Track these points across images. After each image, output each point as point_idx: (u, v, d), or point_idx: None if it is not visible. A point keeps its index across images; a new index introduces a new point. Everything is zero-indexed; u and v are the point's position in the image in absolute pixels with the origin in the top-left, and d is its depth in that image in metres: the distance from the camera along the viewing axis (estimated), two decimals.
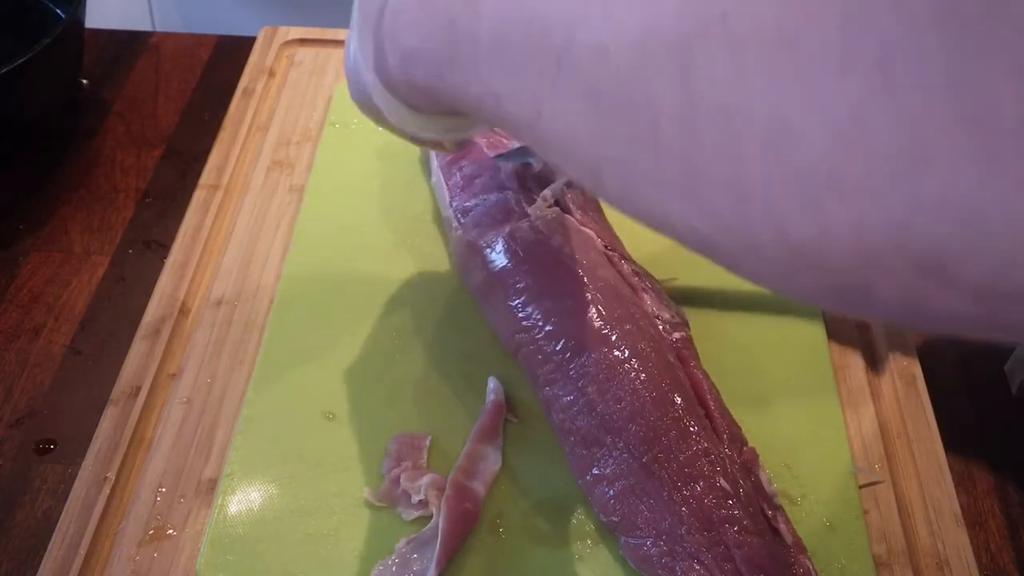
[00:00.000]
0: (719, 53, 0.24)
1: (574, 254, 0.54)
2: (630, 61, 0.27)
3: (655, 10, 0.26)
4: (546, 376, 0.51)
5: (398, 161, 0.68)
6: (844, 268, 0.24)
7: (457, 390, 0.55)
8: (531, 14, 0.31)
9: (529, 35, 0.31)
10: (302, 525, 0.49)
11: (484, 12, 0.34)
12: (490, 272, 0.55)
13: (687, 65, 0.25)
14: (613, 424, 0.48)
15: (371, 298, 0.60)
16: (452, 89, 0.37)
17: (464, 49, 0.35)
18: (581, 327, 0.51)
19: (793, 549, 0.46)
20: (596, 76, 0.28)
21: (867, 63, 0.21)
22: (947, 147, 0.20)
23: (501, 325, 0.55)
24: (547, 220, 0.55)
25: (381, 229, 0.64)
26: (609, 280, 0.53)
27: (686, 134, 0.25)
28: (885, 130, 0.21)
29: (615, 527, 0.48)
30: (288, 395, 0.54)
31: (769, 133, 0.23)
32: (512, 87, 0.33)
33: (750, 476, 0.48)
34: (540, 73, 0.31)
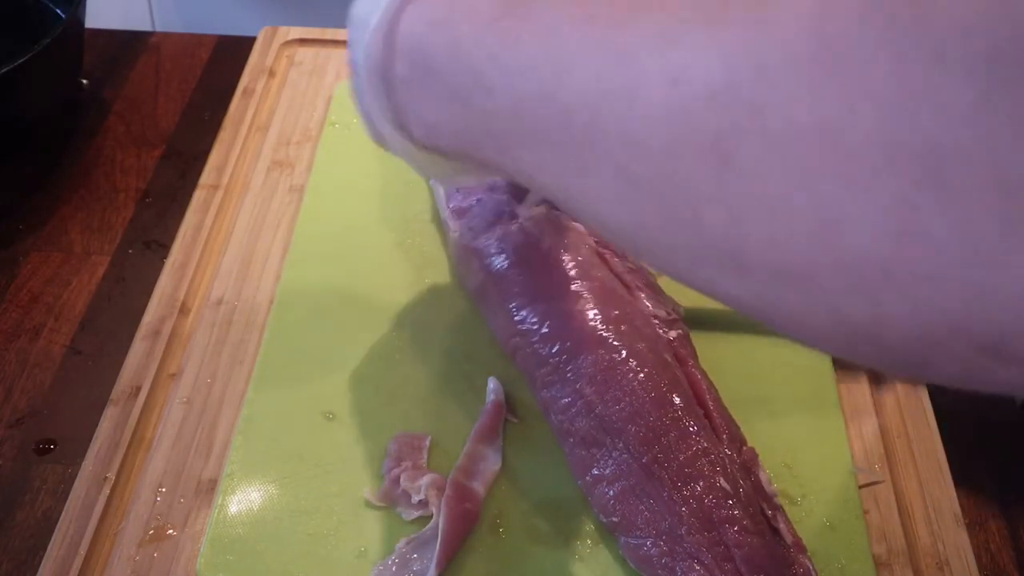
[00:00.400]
0: (756, 146, 0.24)
1: (567, 254, 0.54)
2: (663, 147, 0.26)
3: (682, 97, 0.26)
4: (544, 378, 0.51)
5: (398, 161, 0.68)
6: (901, 346, 0.24)
7: (457, 390, 0.55)
8: (546, 91, 0.31)
9: (549, 114, 0.31)
10: (302, 525, 0.49)
11: (496, 89, 0.33)
12: (486, 275, 0.55)
13: (725, 156, 0.25)
14: (612, 425, 0.48)
15: (371, 298, 0.60)
16: (482, 159, 0.36)
17: (485, 126, 0.34)
18: (577, 329, 0.51)
19: (793, 549, 0.46)
20: (627, 158, 0.28)
21: (913, 157, 0.21)
22: (1003, 243, 0.21)
23: (498, 328, 0.55)
24: (537, 219, 0.55)
25: (381, 229, 0.64)
26: (603, 280, 0.53)
27: (729, 219, 0.25)
28: (938, 224, 0.21)
29: (615, 527, 0.48)
30: (288, 395, 0.54)
31: (815, 223, 0.23)
32: (539, 164, 0.32)
33: (750, 476, 0.48)
34: (566, 153, 0.30)
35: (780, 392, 0.55)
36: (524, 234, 0.55)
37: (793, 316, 0.26)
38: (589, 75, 0.29)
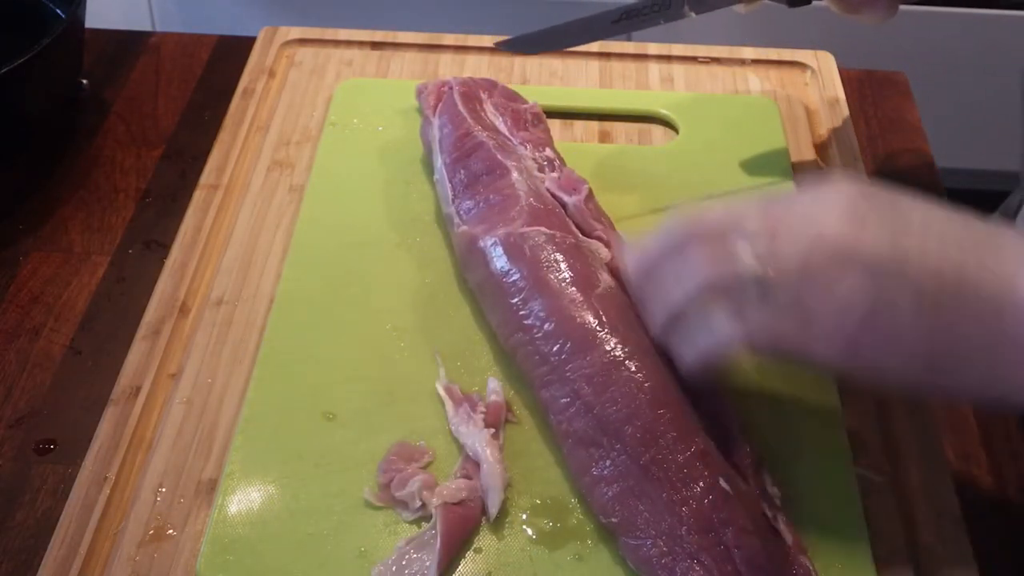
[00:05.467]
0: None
1: (571, 255, 0.54)
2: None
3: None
4: (543, 377, 0.51)
5: (398, 161, 0.68)
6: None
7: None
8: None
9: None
10: (302, 525, 0.49)
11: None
12: (490, 271, 0.55)
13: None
14: (610, 426, 0.48)
15: (371, 298, 0.59)
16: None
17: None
18: (578, 328, 0.51)
19: (793, 549, 0.46)
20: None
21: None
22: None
23: (500, 324, 0.55)
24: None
25: (382, 229, 0.64)
26: (607, 281, 0.53)
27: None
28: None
29: (614, 528, 0.48)
30: (288, 395, 0.54)
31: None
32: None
33: (752, 477, 0.48)
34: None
35: (782, 392, 0.55)
36: (529, 233, 0.55)
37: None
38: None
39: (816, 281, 0.43)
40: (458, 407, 0.53)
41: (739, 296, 0.45)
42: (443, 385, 0.54)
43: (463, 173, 0.61)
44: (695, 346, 0.47)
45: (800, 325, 0.44)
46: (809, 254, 0.44)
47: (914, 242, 0.43)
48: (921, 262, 0.43)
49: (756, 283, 0.44)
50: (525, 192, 0.58)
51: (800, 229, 0.44)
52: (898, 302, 0.43)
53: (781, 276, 0.44)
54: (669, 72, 0.77)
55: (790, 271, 0.44)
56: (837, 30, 1.47)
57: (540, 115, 0.67)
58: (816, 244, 0.44)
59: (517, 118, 0.65)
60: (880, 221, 0.44)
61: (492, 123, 0.64)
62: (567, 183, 0.60)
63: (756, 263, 0.44)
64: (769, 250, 0.44)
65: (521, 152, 0.62)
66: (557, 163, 0.63)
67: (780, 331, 0.45)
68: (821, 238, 0.44)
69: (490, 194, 0.59)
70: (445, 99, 0.65)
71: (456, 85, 0.66)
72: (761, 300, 0.44)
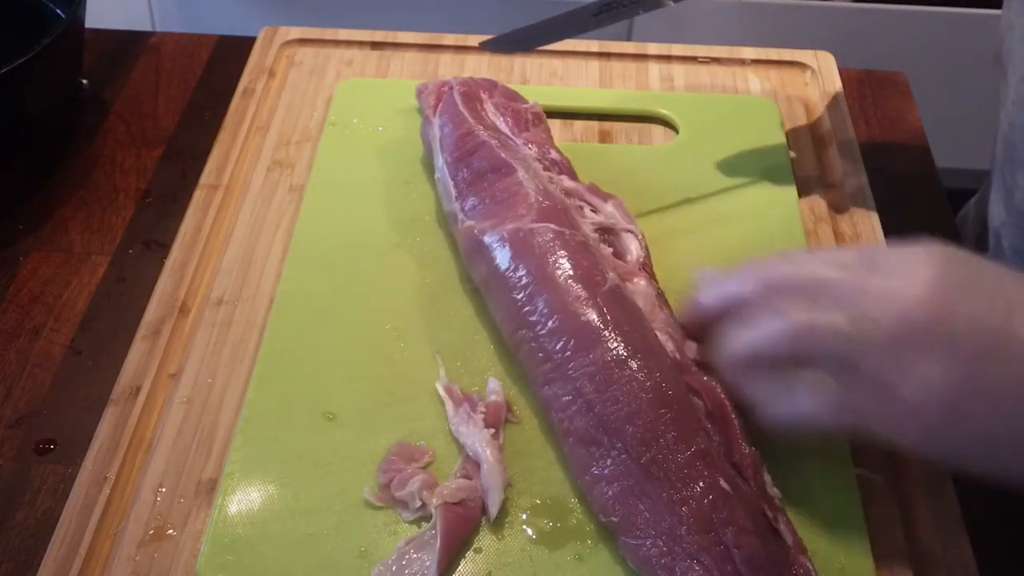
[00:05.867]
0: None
1: (577, 253, 0.54)
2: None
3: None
4: (545, 375, 0.51)
5: (398, 161, 0.68)
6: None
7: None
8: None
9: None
10: (302, 525, 0.49)
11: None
12: (495, 265, 0.55)
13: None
14: (611, 425, 0.48)
15: (372, 298, 0.59)
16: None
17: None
18: (582, 326, 0.51)
19: (793, 550, 0.46)
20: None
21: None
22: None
23: (504, 320, 0.55)
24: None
25: (382, 228, 0.64)
26: (612, 280, 0.53)
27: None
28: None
29: (614, 527, 0.48)
30: (288, 395, 0.54)
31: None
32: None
33: (752, 477, 0.48)
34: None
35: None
36: (538, 229, 0.55)
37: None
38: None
39: (901, 359, 0.42)
40: (458, 407, 0.53)
41: (822, 364, 0.44)
42: (443, 385, 0.54)
43: (466, 171, 0.61)
44: (777, 411, 0.47)
45: (882, 404, 0.43)
46: (895, 329, 0.42)
47: (999, 317, 0.41)
48: (1009, 341, 0.41)
49: (847, 343, 0.43)
50: (534, 190, 0.58)
51: (887, 300, 0.43)
52: (989, 390, 0.41)
53: (867, 350, 0.43)
54: (669, 72, 0.77)
55: (877, 346, 0.42)
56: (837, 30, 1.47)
57: (541, 115, 0.67)
58: (902, 320, 0.42)
59: (518, 118, 0.65)
60: (971, 298, 0.42)
61: (493, 123, 0.64)
62: (597, 192, 0.61)
63: (849, 321, 0.43)
64: (861, 313, 0.43)
65: (525, 152, 0.62)
66: (565, 164, 0.63)
67: (861, 408, 0.44)
68: (907, 313, 0.42)
69: (496, 191, 0.59)
70: (445, 99, 0.65)
71: (456, 85, 0.66)
72: (844, 372, 0.44)
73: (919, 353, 0.42)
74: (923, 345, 0.42)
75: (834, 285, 0.45)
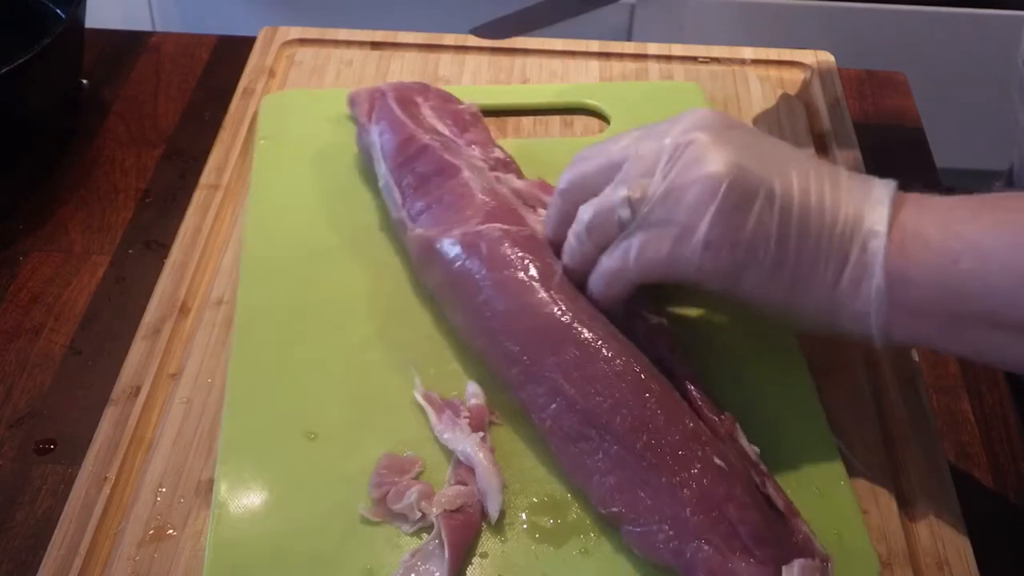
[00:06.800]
0: None
1: (532, 251, 0.53)
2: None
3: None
4: (516, 378, 0.51)
5: (335, 171, 0.67)
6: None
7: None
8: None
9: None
10: (302, 548, 0.48)
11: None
12: (448, 273, 0.55)
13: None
14: (597, 418, 0.48)
15: (333, 314, 0.58)
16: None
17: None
18: (545, 324, 0.51)
19: (787, 514, 0.46)
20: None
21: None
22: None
23: (463, 327, 0.55)
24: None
25: (331, 243, 0.62)
26: (561, 274, 0.53)
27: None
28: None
29: (616, 517, 0.47)
30: (265, 418, 0.53)
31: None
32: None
33: (732, 444, 0.48)
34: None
35: (766, 402, 0.54)
36: (485, 230, 0.54)
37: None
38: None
39: (676, 192, 0.48)
40: (440, 414, 0.52)
41: (619, 229, 0.50)
42: (421, 393, 0.54)
43: (410, 177, 0.60)
44: (594, 283, 0.52)
45: (663, 235, 0.48)
46: (672, 172, 0.48)
47: (777, 160, 0.48)
48: (783, 178, 0.47)
49: (628, 210, 0.49)
50: (479, 190, 0.57)
51: (662, 156, 0.49)
52: (748, 205, 0.47)
53: (649, 197, 0.48)
54: (669, 72, 0.77)
55: (656, 191, 0.48)
56: (837, 30, 1.47)
57: (478, 115, 0.67)
58: (677, 161, 0.48)
59: (457, 119, 0.65)
60: (743, 140, 0.48)
61: (433, 126, 0.64)
62: (547, 189, 0.60)
63: (626, 193, 0.49)
64: (638, 180, 0.49)
65: (468, 152, 0.62)
66: (511, 163, 0.62)
67: (645, 243, 0.49)
68: (682, 154, 0.48)
69: (443, 195, 0.58)
70: (379, 105, 0.64)
71: (389, 91, 0.65)
72: (637, 227, 0.49)
73: (690, 187, 0.47)
74: (694, 182, 0.47)
75: (613, 162, 0.51)
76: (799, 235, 0.47)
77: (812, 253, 0.47)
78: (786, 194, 0.47)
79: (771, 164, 0.48)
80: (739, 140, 0.48)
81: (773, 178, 0.47)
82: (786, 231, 0.47)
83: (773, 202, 0.47)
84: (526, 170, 0.63)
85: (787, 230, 0.47)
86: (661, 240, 0.48)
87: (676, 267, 0.48)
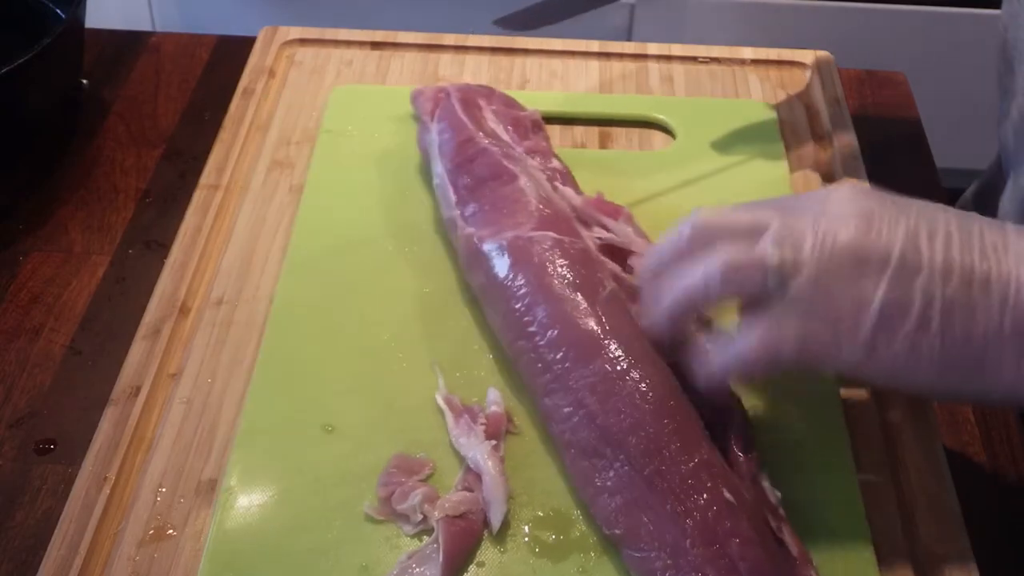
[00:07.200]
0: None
1: (577, 262, 0.54)
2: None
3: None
4: (545, 386, 0.51)
5: (395, 169, 0.68)
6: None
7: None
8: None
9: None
10: (302, 540, 0.48)
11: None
12: (495, 274, 0.55)
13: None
14: (613, 436, 0.47)
15: (369, 307, 0.59)
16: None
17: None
18: (582, 337, 0.50)
19: (798, 560, 0.46)
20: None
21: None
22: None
23: (502, 329, 0.55)
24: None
25: (379, 237, 0.63)
26: (613, 290, 0.53)
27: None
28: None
29: (618, 540, 0.47)
30: (286, 407, 0.54)
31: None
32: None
33: (753, 485, 0.48)
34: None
35: (783, 398, 0.55)
36: (537, 237, 0.55)
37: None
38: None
39: (834, 279, 0.44)
40: (458, 418, 0.52)
41: (761, 295, 0.45)
42: (443, 396, 0.54)
43: (467, 178, 0.60)
44: (716, 357, 0.47)
45: (823, 326, 0.44)
46: (825, 253, 0.44)
47: (922, 242, 0.44)
48: (930, 262, 0.44)
49: (778, 275, 0.45)
50: (535, 198, 0.57)
51: (815, 229, 0.45)
52: (910, 302, 0.43)
53: (802, 270, 0.44)
54: (669, 72, 0.77)
55: (811, 267, 0.44)
56: (837, 30, 1.47)
57: (540, 122, 0.67)
58: (832, 243, 0.44)
59: (518, 125, 0.65)
60: (889, 220, 0.44)
61: (493, 130, 0.64)
62: (604, 207, 0.60)
63: (779, 252, 0.44)
64: (791, 244, 0.45)
65: (527, 160, 0.62)
66: (566, 173, 0.62)
67: (804, 333, 0.45)
68: (836, 236, 0.44)
69: (496, 199, 0.58)
70: (443, 105, 0.65)
71: (454, 91, 0.65)
72: (783, 299, 0.45)
73: (849, 273, 0.44)
74: (851, 266, 0.44)
75: (769, 222, 0.46)
76: (964, 339, 0.43)
77: (981, 341, 0.43)
78: (946, 278, 0.43)
79: (926, 250, 0.44)
80: (890, 216, 0.44)
81: (935, 268, 0.43)
82: (949, 330, 0.43)
83: (933, 300, 0.43)
84: (578, 179, 0.63)
85: (950, 329, 0.43)
86: (822, 328, 0.44)
87: (834, 362, 0.45)
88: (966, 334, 0.43)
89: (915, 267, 0.43)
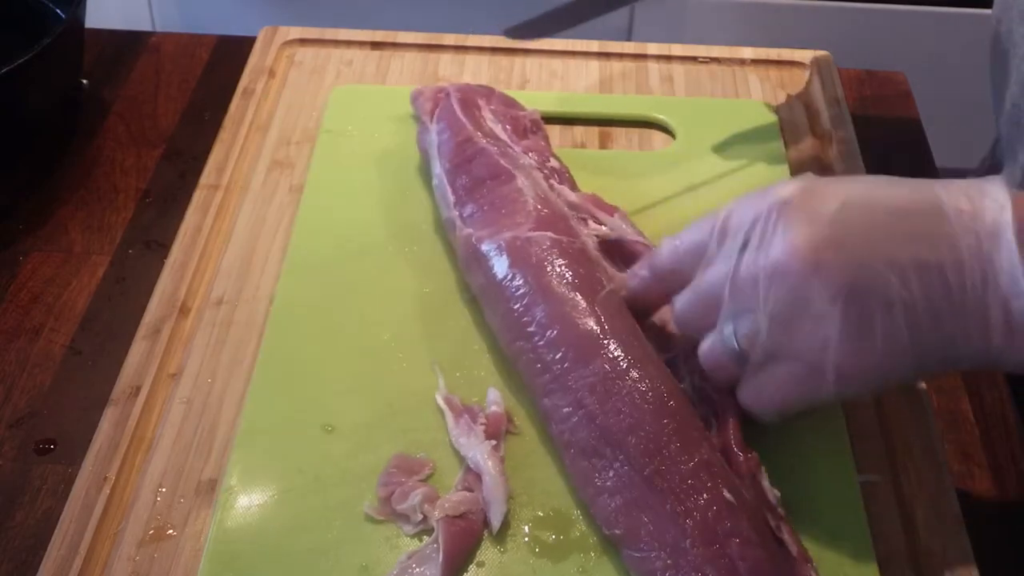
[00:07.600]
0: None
1: (576, 263, 0.54)
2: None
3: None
4: (545, 386, 0.51)
5: (395, 169, 0.68)
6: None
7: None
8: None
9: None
10: (302, 540, 0.48)
11: None
12: (493, 274, 0.55)
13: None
14: (613, 436, 0.48)
15: (369, 307, 0.59)
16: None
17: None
18: (581, 337, 0.50)
19: (798, 560, 0.46)
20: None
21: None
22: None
23: (501, 330, 0.55)
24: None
25: (379, 237, 0.63)
26: (612, 291, 0.53)
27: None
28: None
29: (618, 540, 0.47)
30: (287, 407, 0.54)
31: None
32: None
33: (753, 484, 0.48)
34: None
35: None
36: (535, 237, 0.55)
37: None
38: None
39: (794, 331, 0.45)
40: (458, 418, 0.52)
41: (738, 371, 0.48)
42: (443, 396, 0.54)
43: (465, 178, 0.60)
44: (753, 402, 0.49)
45: (798, 377, 0.46)
46: (777, 313, 0.45)
47: (870, 258, 0.44)
48: (883, 274, 0.44)
49: (745, 350, 0.47)
50: (533, 197, 0.57)
51: (765, 295, 0.45)
52: (870, 317, 0.44)
53: (761, 334, 0.46)
54: (669, 72, 0.77)
55: (769, 332, 0.46)
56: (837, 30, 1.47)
57: (539, 122, 0.67)
58: (782, 296, 0.45)
59: (517, 125, 0.65)
60: (834, 243, 0.44)
61: (492, 130, 0.64)
62: (600, 205, 0.60)
63: (738, 339, 0.47)
64: (746, 325, 0.46)
65: (525, 160, 0.62)
66: (564, 173, 0.62)
67: (783, 391, 0.47)
68: (784, 290, 0.45)
69: (495, 199, 0.58)
70: (442, 105, 0.65)
71: (454, 91, 0.65)
72: (759, 366, 0.47)
73: (807, 318, 0.45)
74: (804, 315, 0.45)
75: (725, 302, 0.47)
76: (932, 328, 0.44)
77: (950, 337, 0.44)
78: (905, 286, 0.44)
79: (877, 253, 0.44)
80: (834, 242, 0.44)
81: (888, 276, 0.44)
82: (916, 327, 0.44)
83: (893, 307, 0.44)
84: (579, 180, 0.63)
85: (917, 326, 0.44)
86: (790, 379, 0.47)
87: (814, 401, 0.48)
88: (934, 324, 0.44)
89: (865, 287, 0.44)
